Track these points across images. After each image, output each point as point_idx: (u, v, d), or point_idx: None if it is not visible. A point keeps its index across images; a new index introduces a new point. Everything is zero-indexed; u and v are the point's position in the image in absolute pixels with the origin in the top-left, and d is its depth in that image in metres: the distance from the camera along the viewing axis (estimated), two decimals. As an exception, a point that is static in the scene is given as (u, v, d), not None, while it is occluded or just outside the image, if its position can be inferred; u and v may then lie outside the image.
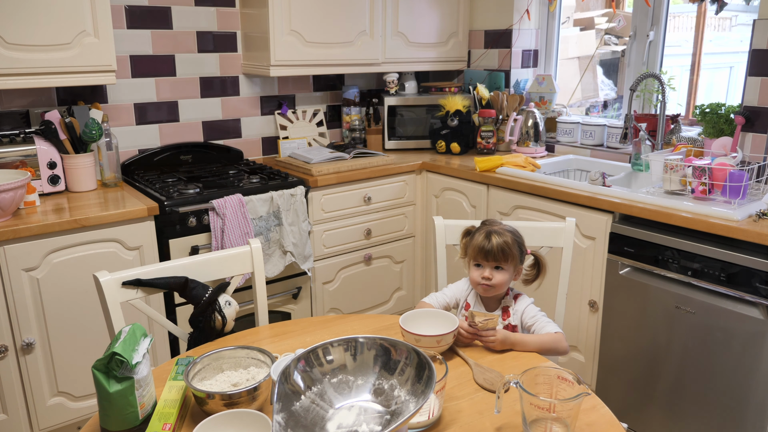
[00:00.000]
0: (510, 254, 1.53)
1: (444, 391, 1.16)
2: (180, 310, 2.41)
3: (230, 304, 1.57)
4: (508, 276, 1.56)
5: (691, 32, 3.03)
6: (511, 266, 1.56)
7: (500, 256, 1.53)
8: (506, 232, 1.56)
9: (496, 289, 1.56)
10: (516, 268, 1.57)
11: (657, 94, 2.76)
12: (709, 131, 2.45)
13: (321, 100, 3.32)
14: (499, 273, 1.55)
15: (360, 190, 2.84)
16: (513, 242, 1.55)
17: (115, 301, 1.52)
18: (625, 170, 2.66)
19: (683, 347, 2.08)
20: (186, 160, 2.89)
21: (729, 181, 2.04)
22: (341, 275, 2.89)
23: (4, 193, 2.00)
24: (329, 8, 2.85)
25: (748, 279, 1.88)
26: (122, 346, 1.10)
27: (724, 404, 2.01)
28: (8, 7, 2.11)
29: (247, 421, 1.05)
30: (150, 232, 2.30)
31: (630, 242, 2.18)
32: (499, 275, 1.55)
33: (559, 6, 3.26)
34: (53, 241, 2.11)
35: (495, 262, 1.54)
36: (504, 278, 1.55)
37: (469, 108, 3.17)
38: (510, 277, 1.57)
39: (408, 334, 1.36)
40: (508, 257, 1.53)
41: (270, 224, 2.53)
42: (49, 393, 2.21)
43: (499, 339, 1.43)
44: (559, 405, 1.09)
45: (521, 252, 1.57)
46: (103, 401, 1.09)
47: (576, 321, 2.42)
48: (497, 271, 1.55)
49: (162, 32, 2.76)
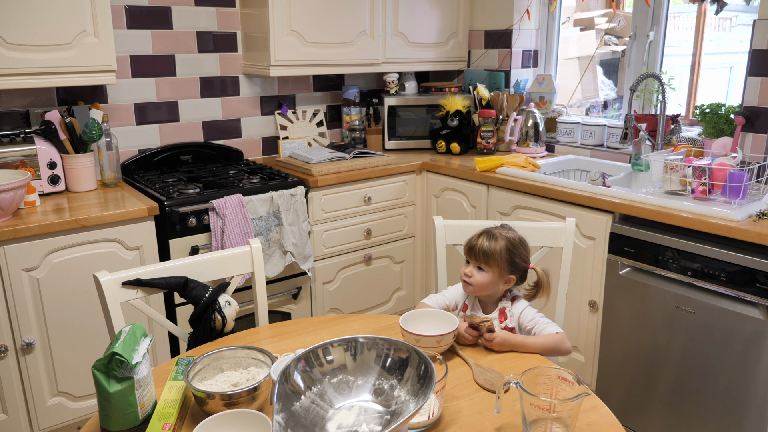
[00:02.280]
0: (492, 259, 1.52)
1: (444, 391, 1.16)
2: (180, 310, 2.41)
3: (230, 304, 1.57)
4: (488, 279, 1.53)
5: (691, 32, 3.03)
6: (493, 271, 1.53)
7: (481, 257, 1.53)
8: (502, 239, 1.54)
9: (475, 288, 1.55)
10: (502, 276, 1.54)
11: (657, 94, 2.76)
12: (709, 131, 2.45)
13: (321, 100, 3.32)
14: (480, 274, 1.54)
15: (360, 190, 2.84)
16: (503, 250, 1.52)
17: (115, 301, 1.52)
18: (625, 170, 2.66)
19: (683, 347, 2.08)
20: (186, 160, 2.89)
21: (729, 182, 2.04)
22: (341, 275, 2.89)
23: (4, 193, 2.00)
24: (329, 8, 2.85)
25: (748, 279, 1.88)
26: (122, 346, 1.10)
27: (724, 404, 2.01)
28: (8, 7, 2.11)
29: (247, 421, 1.05)
30: (150, 232, 2.30)
31: (630, 242, 2.18)
32: (479, 276, 1.54)
33: (559, 6, 3.26)
34: (53, 241, 2.11)
35: (476, 261, 1.54)
36: (483, 280, 1.53)
37: (469, 108, 3.17)
38: (491, 281, 1.54)
39: (408, 334, 1.36)
40: (490, 261, 1.52)
41: (270, 224, 2.53)
42: (49, 393, 2.21)
43: (499, 341, 1.43)
44: (559, 405, 1.09)
45: (513, 262, 1.54)
46: (103, 401, 1.09)
47: (576, 321, 2.42)
48: (478, 272, 1.54)
49: (162, 32, 2.76)
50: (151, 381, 1.16)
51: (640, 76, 2.55)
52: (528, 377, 1.13)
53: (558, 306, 1.87)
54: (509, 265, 1.53)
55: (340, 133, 3.41)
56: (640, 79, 2.54)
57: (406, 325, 1.39)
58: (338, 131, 3.41)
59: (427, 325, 1.42)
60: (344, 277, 2.90)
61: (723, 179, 2.05)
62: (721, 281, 1.95)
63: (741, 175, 2.01)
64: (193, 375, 1.20)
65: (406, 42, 3.17)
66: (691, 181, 2.13)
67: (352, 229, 2.87)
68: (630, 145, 2.70)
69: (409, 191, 3.02)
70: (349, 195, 2.81)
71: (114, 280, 1.52)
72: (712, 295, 1.99)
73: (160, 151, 2.82)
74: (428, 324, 1.43)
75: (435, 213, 2.99)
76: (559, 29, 3.33)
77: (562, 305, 1.87)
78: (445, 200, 2.94)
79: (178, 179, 2.63)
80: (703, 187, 2.10)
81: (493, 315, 1.58)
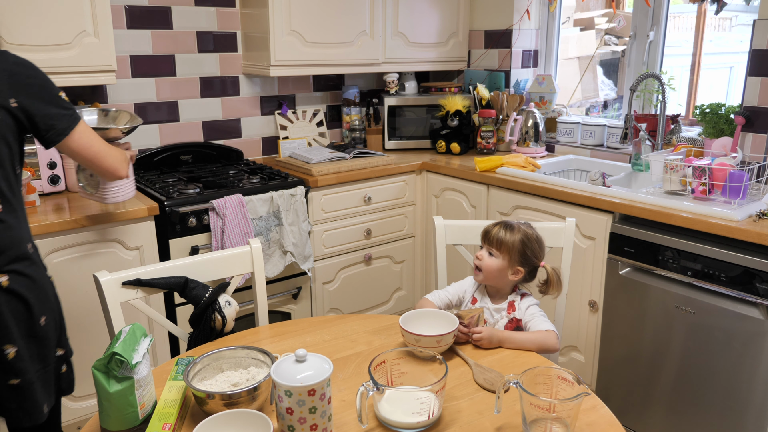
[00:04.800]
0: (505, 246, 1.56)
1: (444, 391, 1.16)
2: (180, 310, 2.41)
3: (230, 304, 1.57)
4: (497, 265, 1.57)
5: (691, 32, 3.03)
6: (503, 258, 1.57)
7: (494, 242, 1.58)
8: (519, 232, 1.58)
9: (485, 273, 1.59)
10: (512, 266, 1.57)
11: (657, 94, 2.76)
12: (709, 131, 2.45)
13: (321, 100, 3.32)
14: (490, 259, 1.58)
15: (360, 190, 2.84)
16: (517, 242, 1.56)
17: (115, 301, 1.52)
18: (625, 170, 2.66)
19: (683, 347, 2.08)
20: (186, 160, 2.89)
21: (729, 181, 2.04)
22: (341, 275, 2.89)
23: (4, 193, 2.00)
24: (329, 8, 2.85)
25: (748, 279, 1.88)
26: (122, 346, 1.10)
27: (724, 404, 2.01)
28: (8, 8, 2.11)
29: (247, 421, 1.05)
30: (150, 232, 2.30)
31: (630, 242, 2.18)
32: (489, 260, 1.58)
33: (559, 6, 3.26)
34: (53, 241, 2.11)
35: (489, 246, 1.59)
36: (492, 265, 1.57)
37: (469, 108, 3.17)
38: (500, 268, 1.57)
39: (408, 334, 1.37)
40: (502, 247, 1.56)
41: (270, 224, 2.53)
42: (49, 393, 2.21)
43: (486, 336, 1.44)
44: (559, 405, 1.09)
45: (524, 254, 1.57)
46: (103, 401, 1.09)
47: (576, 321, 2.42)
48: (488, 257, 1.59)
49: (162, 32, 2.76)
50: (151, 381, 1.16)
51: (640, 76, 2.55)
52: (528, 377, 1.13)
53: (558, 306, 1.87)
54: (520, 256, 1.56)
55: (340, 133, 3.41)
56: (640, 79, 2.54)
57: (406, 325, 1.39)
58: (338, 131, 3.41)
59: (427, 325, 1.42)
60: (344, 277, 2.90)
61: (723, 179, 2.05)
62: (721, 281, 1.95)
63: (741, 175, 2.01)
64: (193, 375, 1.20)
65: (406, 42, 3.17)
66: (691, 181, 2.13)
67: (352, 229, 2.87)
68: (630, 145, 2.70)
69: (409, 191, 3.02)
70: (349, 195, 2.81)
71: (114, 280, 1.52)
72: (712, 295, 1.99)
73: (160, 151, 2.82)
74: (428, 324, 1.43)
75: (435, 213, 2.99)
76: (559, 29, 3.33)
77: (562, 305, 1.87)
78: (445, 200, 2.94)
79: (178, 179, 2.63)
80: (703, 187, 2.10)
81: (501, 306, 1.60)
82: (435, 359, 1.22)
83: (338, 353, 1.43)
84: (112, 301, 1.51)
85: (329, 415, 1.10)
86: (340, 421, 1.17)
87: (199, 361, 1.23)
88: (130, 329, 1.16)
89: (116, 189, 2.02)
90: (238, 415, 1.07)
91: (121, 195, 2.04)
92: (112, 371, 1.08)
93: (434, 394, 1.14)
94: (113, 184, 1.99)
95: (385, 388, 1.17)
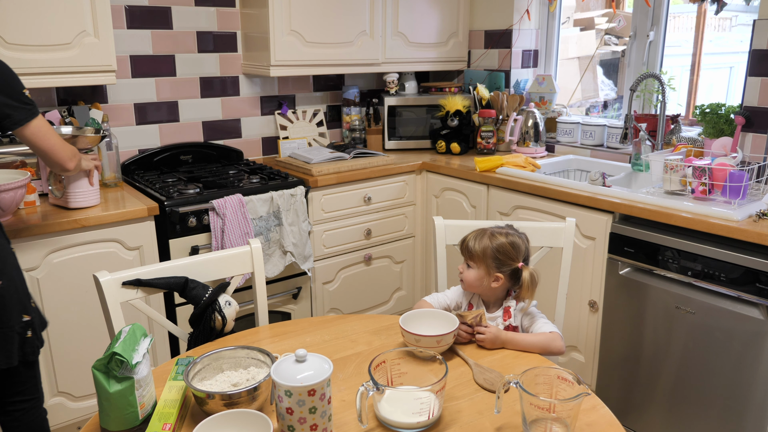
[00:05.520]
0: (476, 256, 1.57)
1: (444, 391, 1.16)
2: (180, 310, 2.41)
3: (230, 304, 1.57)
4: (474, 275, 1.57)
5: (691, 32, 3.03)
6: (479, 267, 1.57)
7: (466, 254, 1.61)
8: (489, 239, 1.57)
9: (466, 284, 1.61)
10: (490, 274, 1.56)
11: (657, 94, 2.76)
12: (709, 131, 2.45)
13: (321, 100, 3.32)
14: (468, 271, 1.60)
15: (360, 190, 2.84)
16: (487, 248, 1.55)
17: (115, 301, 1.52)
18: (625, 170, 2.66)
19: (683, 347, 2.08)
20: (186, 160, 2.89)
21: (729, 182, 2.04)
22: (341, 275, 2.89)
23: (4, 193, 2.00)
24: (329, 8, 2.85)
25: (748, 279, 1.88)
26: (122, 346, 1.10)
27: (724, 404, 2.01)
28: (8, 7, 2.11)
29: (247, 421, 1.05)
30: (150, 232, 2.30)
31: (630, 242, 2.18)
32: (467, 272, 1.60)
33: (559, 6, 3.26)
34: (53, 241, 2.11)
35: (465, 257, 1.61)
36: (471, 276, 1.58)
37: (469, 108, 3.17)
38: (478, 277, 1.57)
39: (408, 334, 1.37)
40: (474, 257, 1.58)
41: (270, 224, 2.53)
42: (49, 393, 2.21)
43: (490, 337, 1.44)
44: (559, 405, 1.09)
45: (498, 261, 1.55)
46: (103, 401, 1.09)
47: (576, 321, 2.42)
48: (467, 268, 1.60)
49: (162, 32, 2.76)
50: (151, 381, 1.16)
51: (640, 76, 2.55)
52: (528, 377, 1.13)
53: (558, 306, 1.87)
54: (494, 262, 1.56)
55: (340, 133, 3.41)
56: (640, 79, 2.54)
57: (405, 325, 1.39)
58: (338, 131, 3.41)
59: (427, 325, 1.42)
60: (344, 277, 2.90)
61: (723, 179, 2.05)
62: (721, 281, 1.95)
63: (741, 175, 2.01)
64: (193, 375, 1.20)
65: (406, 42, 3.17)
66: (691, 181, 2.13)
67: (352, 229, 2.87)
68: (630, 145, 2.70)
69: (409, 191, 3.02)
70: (349, 195, 2.81)
71: (114, 280, 1.52)
72: (712, 295, 1.99)
73: (160, 151, 2.82)
74: (428, 324, 1.43)
75: (435, 213, 2.99)
76: (559, 29, 3.33)
77: (562, 305, 1.87)
78: (445, 200, 2.94)
79: (178, 179, 2.63)
80: (703, 187, 2.10)
81: (497, 314, 1.59)
82: (435, 359, 1.22)
83: (338, 353, 1.43)
84: (112, 301, 1.51)
85: (329, 415, 1.10)
86: (340, 421, 1.17)
87: (199, 361, 1.23)
88: (130, 329, 1.16)
89: (80, 194, 2.21)
90: (238, 415, 1.07)
91: (84, 201, 2.23)
92: (112, 371, 1.08)
93: (434, 394, 1.14)
94: (78, 189, 2.20)
95: (385, 388, 1.17)
